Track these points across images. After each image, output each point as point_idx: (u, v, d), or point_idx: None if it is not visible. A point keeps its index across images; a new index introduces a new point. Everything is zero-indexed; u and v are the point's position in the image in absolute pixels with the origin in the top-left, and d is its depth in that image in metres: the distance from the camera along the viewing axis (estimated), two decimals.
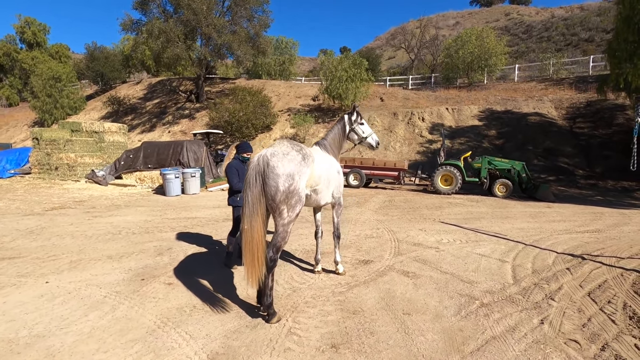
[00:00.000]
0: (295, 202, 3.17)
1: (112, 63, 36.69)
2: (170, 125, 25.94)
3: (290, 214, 3.17)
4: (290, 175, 3.10)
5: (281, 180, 3.06)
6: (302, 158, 3.27)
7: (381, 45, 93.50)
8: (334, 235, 4.44)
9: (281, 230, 3.18)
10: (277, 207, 3.11)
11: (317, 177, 3.59)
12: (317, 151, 4.05)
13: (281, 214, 3.14)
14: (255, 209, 3.05)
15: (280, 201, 3.09)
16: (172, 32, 23.00)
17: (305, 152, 3.38)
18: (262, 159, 3.14)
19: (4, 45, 43.37)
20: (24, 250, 5.34)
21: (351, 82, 20.98)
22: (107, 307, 3.49)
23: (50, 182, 12.69)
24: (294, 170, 3.13)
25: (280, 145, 3.30)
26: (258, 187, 3.08)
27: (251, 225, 3.04)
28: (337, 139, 4.47)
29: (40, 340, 2.90)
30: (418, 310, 3.49)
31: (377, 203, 9.72)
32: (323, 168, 3.73)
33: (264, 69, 34.41)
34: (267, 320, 3.18)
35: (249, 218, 3.04)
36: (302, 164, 3.24)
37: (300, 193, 3.20)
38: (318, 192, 3.70)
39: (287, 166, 3.11)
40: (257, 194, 3.07)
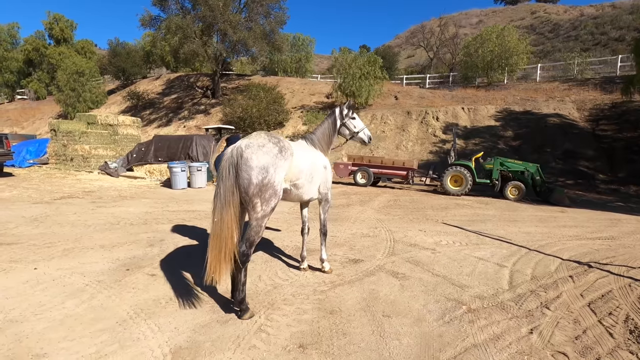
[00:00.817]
0: (270, 195, 3.07)
1: (133, 59, 37.63)
2: (186, 120, 26.35)
3: (265, 207, 3.07)
4: (264, 168, 3.01)
5: (254, 173, 2.97)
6: (279, 151, 3.16)
7: (401, 43, 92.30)
8: (321, 232, 4.32)
9: (254, 224, 3.09)
10: (250, 200, 3.03)
11: (297, 171, 3.49)
12: (301, 145, 3.95)
13: (255, 208, 3.05)
14: (227, 201, 2.97)
15: (254, 194, 3.00)
16: (189, 28, 23.35)
17: (283, 144, 3.25)
18: (236, 150, 3.04)
19: (34, 40, 45.08)
20: (23, 236, 5.46)
21: (365, 79, 20.73)
22: (85, 295, 3.50)
23: (65, 172, 13.09)
24: (268, 162, 3.04)
25: (257, 137, 3.18)
26: (231, 179, 2.99)
27: (221, 217, 2.96)
28: (327, 133, 4.31)
29: (13, 325, 2.92)
30: (399, 313, 3.34)
31: (381, 202, 9.53)
32: (305, 162, 3.61)
33: (280, 66, 34.53)
34: (239, 316, 3.11)
35: (219, 210, 2.97)
36: (278, 157, 3.13)
37: (275, 187, 3.10)
38: (299, 186, 3.59)
39: (261, 158, 3.02)
40: (229, 186, 2.98)
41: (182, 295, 3.54)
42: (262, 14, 25.95)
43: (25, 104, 40.46)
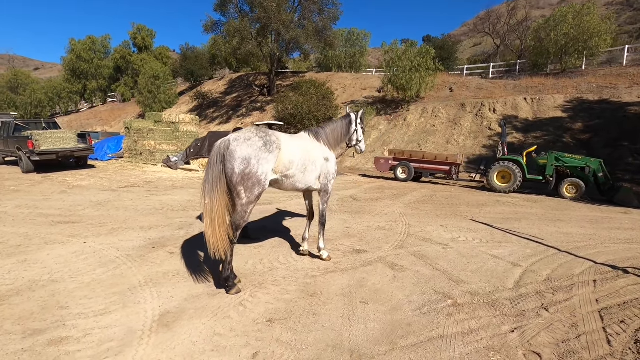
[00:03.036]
0: (253, 184, 3.37)
1: (201, 61, 40.79)
2: (244, 117, 27.98)
3: (249, 195, 3.39)
4: (246, 159, 3.32)
5: (237, 163, 3.31)
6: (263, 144, 3.44)
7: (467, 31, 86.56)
8: (319, 222, 4.51)
9: (240, 209, 3.42)
10: (234, 187, 3.37)
11: (287, 162, 3.73)
12: (299, 137, 4.18)
13: (239, 195, 3.38)
14: (215, 186, 3.35)
15: (237, 182, 3.33)
16: (246, 30, 24.68)
17: (269, 139, 3.52)
18: (224, 142, 3.41)
19: (122, 49, 51.13)
20: (85, 217, 6.51)
21: (416, 72, 20.05)
22: (113, 265, 4.16)
23: (135, 165, 14.92)
24: (250, 154, 3.34)
25: (245, 132, 3.51)
26: (218, 167, 3.36)
27: (211, 200, 3.34)
28: (340, 132, 4.53)
29: (52, 284, 3.63)
30: (378, 301, 3.43)
31: (414, 197, 9.32)
32: (296, 154, 3.82)
33: (334, 62, 34.76)
34: (227, 291, 3.47)
35: (209, 194, 3.36)
36: (262, 150, 3.41)
37: (258, 177, 3.39)
38: (290, 177, 3.83)
39: (244, 150, 3.34)
40: (216, 173, 3.36)
41: (187, 270, 4.02)
42: (316, 11, 26.40)
43: (114, 106, 46.27)
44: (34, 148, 11.59)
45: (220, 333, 2.78)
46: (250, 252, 4.70)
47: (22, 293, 3.41)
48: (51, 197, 8.30)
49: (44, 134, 12.17)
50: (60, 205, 7.46)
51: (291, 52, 29.04)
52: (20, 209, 7.08)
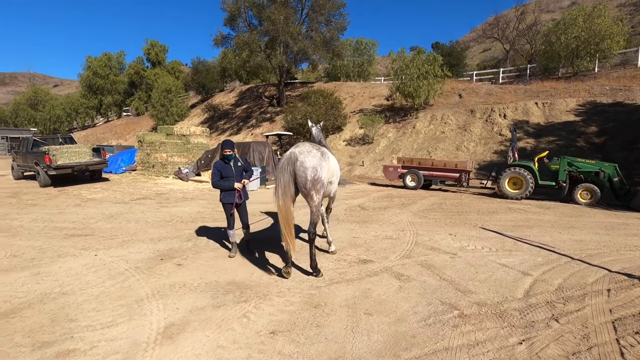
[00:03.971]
0: (320, 187, 4.10)
1: (212, 74, 41.66)
2: (254, 128, 28.33)
3: (318, 196, 4.12)
4: (314, 168, 4.03)
5: (309, 172, 4.00)
6: (321, 155, 4.17)
7: (477, 37, 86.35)
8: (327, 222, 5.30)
9: (314, 210, 4.16)
10: (308, 192, 4.08)
11: (332, 171, 4.46)
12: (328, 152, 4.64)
13: (312, 197, 4.10)
14: (286, 191, 4.01)
15: (310, 187, 4.04)
16: (255, 43, 25.16)
17: (322, 150, 4.26)
18: (292, 155, 4.09)
19: (136, 65, 52.62)
20: (97, 229, 6.66)
21: (424, 79, 20.02)
22: (122, 277, 4.24)
23: (147, 177, 15.21)
24: (315, 164, 4.05)
25: (304, 146, 4.21)
26: (287, 175, 4.04)
27: (284, 203, 3.99)
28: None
29: (63, 296, 3.71)
30: (382, 312, 3.39)
31: (423, 205, 9.23)
32: (335, 165, 4.66)
33: (342, 72, 35.02)
34: (316, 275, 4.23)
35: (282, 197, 3.99)
36: (322, 159, 4.13)
37: (323, 180, 4.11)
38: (332, 183, 4.67)
39: (311, 161, 4.05)
40: (287, 181, 4.03)
41: (196, 282, 4.06)
42: (323, 22, 26.75)
43: (129, 120, 47.46)
44: (50, 163, 11.95)
45: (223, 345, 2.79)
46: (256, 263, 4.72)
47: (34, 306, 3.50)
48: (66, 210, 8.52)
49: (60, 148, 12.56)
50: (74, 218, 7.65)
51: (299, 63, 29.42)
52: (36, 223, 7.29)
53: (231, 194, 4.79)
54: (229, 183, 4.74)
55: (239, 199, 4.86)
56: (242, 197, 4.91)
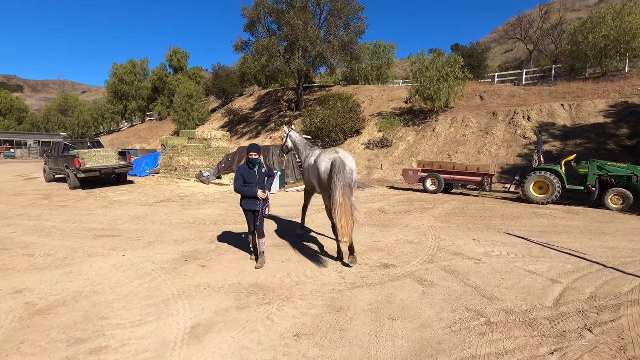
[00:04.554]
0: (356, 185, 5.08)
1: (232, 80, 42.47)
2: (272, 132, 28.63)
3: (356, 192, 5.09)
4: (355, 170, 4.93)
5: (354, 174, 4.87)
6: (353, 158, 4.98)
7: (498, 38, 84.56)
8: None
9: (355, 203, 5.08)
10: (351, 190, 4.82)
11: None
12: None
13: (354, 194, 4.97)
14: (345, 190, 4.56)
15: (353, 186, 4.88)
16: (274, 48, 25.50)
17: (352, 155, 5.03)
18: (339, 160, 4.70)
19: (159, 71, 54.28)
20: (124, 231, 6.88)
21: (444, 81, 19.75)
22: (149, 278, 4.36)
23: (170, 180, 15.62)
24: (354, 167, 4.92)
25: (345, 152, 5.02)
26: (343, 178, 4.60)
27: (343, 199, 4.49)
28: None
29: (94, 295, 3.85)
30: (406, 318, 3.35)
31: (444, 210, 9.06)
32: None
33: (360, 75, 34.98)
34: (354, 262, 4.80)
35: (342, 195, 4.50)
36: (354, 162, 4.98)
37: (357, 180, 5.07)
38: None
39: (353, 164, 4.90)
40: (342, 181, 4.57)
41: (220, 284, 4.13)
42: (341, 27, 26.86)
43: (152, 124, 48.90)
44: (80, 166, 12.45)
45: (249, 347, 2.82)
46: (278, 266, 4.76)
47: (67, 303, 3.65)
48: (94, 212, 8.85)
49: (89, 152, 13.07)
50: (102, 220, 7.93)
51: (318, 67, 29.59)
52: (67, 224, 7.60)
53: (254, 201, 4.63)
54: (252, 190, 4.60)
55: (259, 205, 4.67)
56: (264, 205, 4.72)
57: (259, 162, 4.71)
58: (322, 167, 4.91)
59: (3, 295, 3.88)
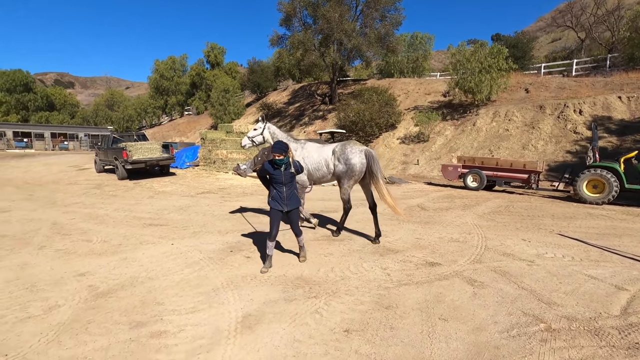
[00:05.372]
0: None
1: (266, 74, 43.05)
2: (306, 126, 28.74)
3: None
4: None
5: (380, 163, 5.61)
6: None
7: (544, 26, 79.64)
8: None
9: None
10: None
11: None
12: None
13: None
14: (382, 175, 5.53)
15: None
16: (309, 41, 25.47)
17: None
18: (369, 152, 5.47)
19: (197, 67, 56.04)
20: (171, 220, 7.18)
21: (486, 73, 18.83)
22: (197, 266, 4.51)
23: (209, 172, 16.13)
24: None
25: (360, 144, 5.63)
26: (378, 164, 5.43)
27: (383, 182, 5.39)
28: None
29: (149, 280, 4.04)
30: (459, 319, 3.23)
31: (487, 207, 8.67)
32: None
33: (395, 68, 34.19)
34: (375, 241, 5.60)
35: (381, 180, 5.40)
36: None
37: None
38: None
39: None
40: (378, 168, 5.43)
41: (266, 275, 4.20)
42: (377, 18, 26.31)
43: (190, 118, 50.71)
44: (127, 158, 13.14)
45: (300, 340, 2.84)
46: (321, 260, 4.76)
47: (126, 288, 3.85)
48: (142, 202, 9.31)
49: (135, 145, 13.75)
50: (149, 209, 8.33)
51: (353, 61, 29.26)
52: (118, 212, 8.05)
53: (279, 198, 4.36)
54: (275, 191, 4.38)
55: (287, 206, 4.38)
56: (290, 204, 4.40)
57: (285, 162, 4.31)
58: (357, 160, 5.40)
59: (68, 277, 4.17)
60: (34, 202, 9.29)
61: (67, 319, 3.18)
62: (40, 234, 6.15)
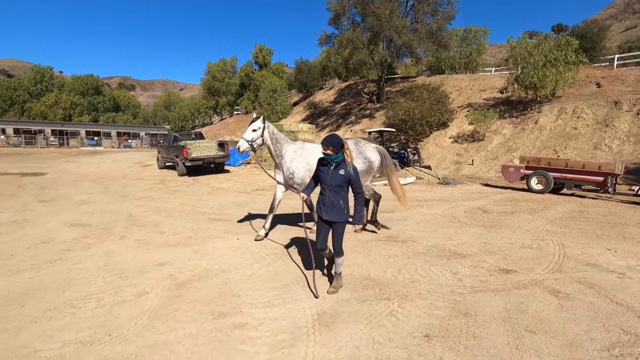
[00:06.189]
0: None
1: (313, 73, 43.51)
2: (353, 125, 28.59)
3: None
4: None
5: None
6: None
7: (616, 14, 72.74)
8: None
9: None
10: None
11: None
12: None
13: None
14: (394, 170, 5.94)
15: None
16: (358, 39, 25.28)
17: None
18: (381, 148, 5.90)
19: (246, 68, 58.11)
20: (232, 216, 7.48)
21: (551, 67, 17.42)
22: (266, 261, 4.64)
23: (260, 170, 16.63)
24: None
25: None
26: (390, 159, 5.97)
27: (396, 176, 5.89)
28: None
29: (222, 273, 4.23)
30: (548, 332, 3.00)
31: (559, 212, 8.01)
32: None
33: (447, 64, 32.87)
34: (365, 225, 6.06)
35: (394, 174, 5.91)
36: None
37: None
38: None
39: None
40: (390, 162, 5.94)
41: (331, 274, 4.21)
42: (429, 13, 25.43)
43: (239, 118, 52.73)
44: (187, 155, 13.94)
45: (380, 342, 2.80)
46: (386, 262, 4.68)
47: (202, 279, 4.06)
48: (202, 197, 9.81)
49: (194, 143, 14.55)
50: (210, 204, 8.75)
51: (402, 58, 28.59)
52: (183, 206, 8.55)
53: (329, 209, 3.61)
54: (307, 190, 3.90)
55: (327, 214, 3.62)
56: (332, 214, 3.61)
57: (335, 159, 3.56)
58: (375, 156, 5.73)
59: (150, 266, 4.49)
60: (109, 195, 10.16)
61: (155, 305, 3.41)
62: (119, 225, 6.70)
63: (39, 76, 59.32)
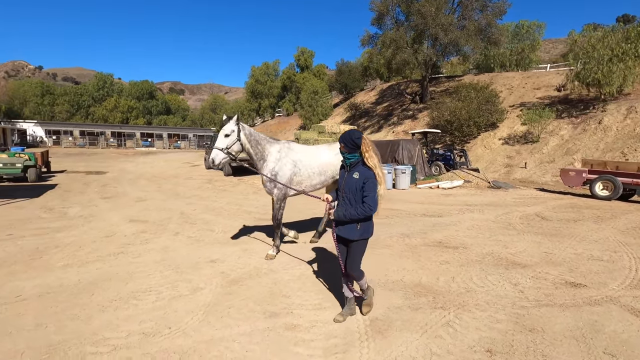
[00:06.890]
0: None
1: (354, 75, 43.32)
2: (395, 126, 28.03)
3: None
4: None
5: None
6: None
7: None
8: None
9: None
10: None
11: None
12: None
13: None
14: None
15: None
16: (402, 39, 24.75)
17: None
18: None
19: (288, 70, 59.26)
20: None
21: (618, 62, 15.89)
22: (313, 263, 4.63)
23: None
24: None
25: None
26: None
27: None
28: None
29: (271, 273, 4.28)
30: (632, 357, 2.68)
31: (631, 221, 7.23)
32: None
33: (496, 61, 31.22)
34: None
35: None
36: None
37: None
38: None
39: None
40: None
41: (383, 282, 4.11)
42: (478, 9, 24.29)
43: (280, 119, 53.84)
44: None
45: (437, 353, 2.66)
46: (438, 268, 4.48)
47: (253, 278, 4.13)
48: (248, 197, 10.08)
49: None
50: (256, 204, 8.95)
51: (448, 56, 27.58)
52: (230, 205, 8.83)
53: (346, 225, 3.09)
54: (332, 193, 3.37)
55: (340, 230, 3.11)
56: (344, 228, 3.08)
57: (351, 160, 3.02)
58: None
59: (203, 262, 4.66)
60: (162, 193, 10.77)
61: (210, 301, 3.52)
62: (172, 221, 7.06)
63: (102, 82, 64.77)
